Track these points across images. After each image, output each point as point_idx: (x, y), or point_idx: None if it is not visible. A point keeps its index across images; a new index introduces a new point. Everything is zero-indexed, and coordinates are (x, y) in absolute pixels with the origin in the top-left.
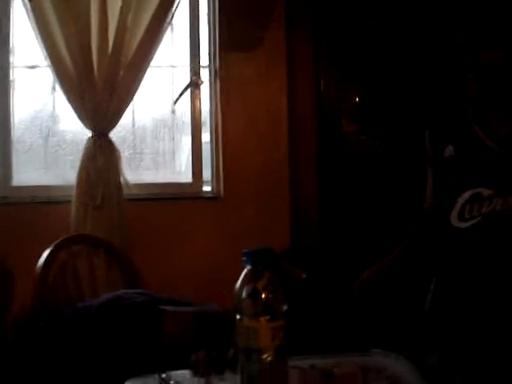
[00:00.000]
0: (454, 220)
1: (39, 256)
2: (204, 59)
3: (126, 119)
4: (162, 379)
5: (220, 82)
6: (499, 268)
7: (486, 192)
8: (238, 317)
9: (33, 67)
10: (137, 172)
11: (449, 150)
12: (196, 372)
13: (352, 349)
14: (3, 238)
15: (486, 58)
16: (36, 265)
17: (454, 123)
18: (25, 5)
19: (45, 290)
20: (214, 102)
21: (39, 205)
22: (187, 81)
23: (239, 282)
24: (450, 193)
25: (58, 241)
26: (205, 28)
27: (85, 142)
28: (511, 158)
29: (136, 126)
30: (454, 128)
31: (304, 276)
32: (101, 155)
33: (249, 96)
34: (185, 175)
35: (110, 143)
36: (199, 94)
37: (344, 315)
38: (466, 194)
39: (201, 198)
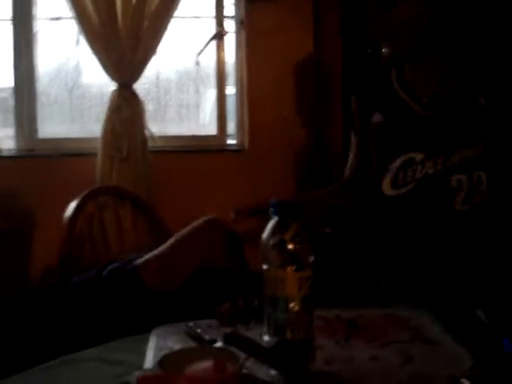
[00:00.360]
0: (387, 188)
1: (65, 208)
2: (229, 9)
3: (150, 71)
4: (189, 327)
5: (245, 32)
6: (437, 231)
7: (418, 156)
8: (265, 267)
9: (57, 19)
10: (161, 124)
11: (377, 117)
12: (222, 321)
13: (376, 302)
14: (30, 191)
15: (397, 15)
16: (62, 217)
17: (379, 88)
18: None
19: (72, 242)
20: (238, 53)
21: (65, 157)
22: (212, 32)
23: (266, 232)
24: (379, 160)
25: (84, 192)
26: None
27: (109, 94)
28: (437, 120)
29: (160, 79)
30: (379, 93)
31: (329, 231)
32: (125, 107)
33: (274, 46)
34: (209, 128)
35: (135, 95)
36: (224, 45)
37: (368, 269)
38: (399, 161)
39: (225, 150)
